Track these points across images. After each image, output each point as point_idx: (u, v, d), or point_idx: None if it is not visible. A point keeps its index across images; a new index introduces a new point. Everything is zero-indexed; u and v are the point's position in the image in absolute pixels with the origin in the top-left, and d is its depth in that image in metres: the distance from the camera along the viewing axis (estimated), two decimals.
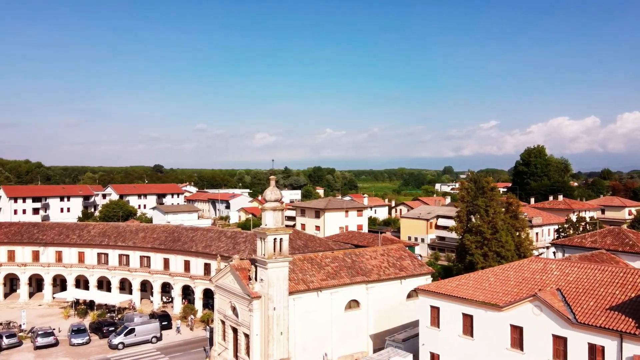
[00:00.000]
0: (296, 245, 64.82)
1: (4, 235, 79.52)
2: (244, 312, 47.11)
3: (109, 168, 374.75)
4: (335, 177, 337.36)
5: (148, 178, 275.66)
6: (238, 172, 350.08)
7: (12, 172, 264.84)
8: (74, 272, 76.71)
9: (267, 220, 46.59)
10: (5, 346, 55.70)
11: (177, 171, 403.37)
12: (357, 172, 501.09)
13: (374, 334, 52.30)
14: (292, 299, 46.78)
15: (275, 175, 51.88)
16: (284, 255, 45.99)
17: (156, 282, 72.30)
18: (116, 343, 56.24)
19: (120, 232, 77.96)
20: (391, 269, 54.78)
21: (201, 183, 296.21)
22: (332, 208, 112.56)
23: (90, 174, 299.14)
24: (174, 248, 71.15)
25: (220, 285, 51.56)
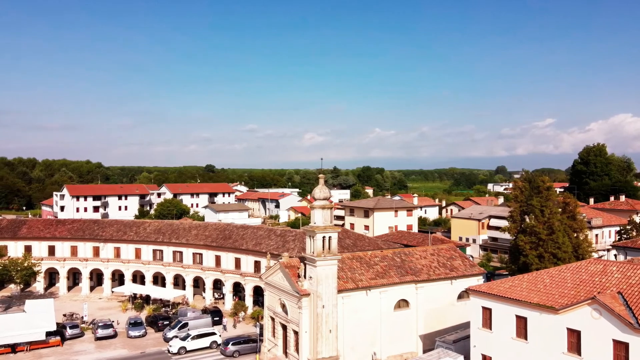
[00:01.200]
0: (345, 244, 64.84)
1: (67, 231, 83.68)
2: (293, 309, 47.59)
3: (163, 168, 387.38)
4: (384, 176, 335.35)
5: (200, 178, 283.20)
6: (287, 172, 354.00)
7: (75, 172, 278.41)
8: (131, 267, 79.73)
9: (316, 219, 46.85)
10: (69, 336, 58.73)
11: (228, 171, 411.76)
12: (407, 171, 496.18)
13: (423, 335, 51.64)
14: (341, 297, 46.85)
15: (324, 174, 52.01)
16: (332, 253, 46.13)
17: (208, 279, 74.11)
18: (170, 336, 57.97)
19: (174, 230, 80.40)
20: (441, 269, 53.92)
21: (251, 182, 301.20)
22: (382, 208, 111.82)
23: (146, 174, 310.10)
24: (225, 246, 72.73)
25: (269, 282, 52.30)
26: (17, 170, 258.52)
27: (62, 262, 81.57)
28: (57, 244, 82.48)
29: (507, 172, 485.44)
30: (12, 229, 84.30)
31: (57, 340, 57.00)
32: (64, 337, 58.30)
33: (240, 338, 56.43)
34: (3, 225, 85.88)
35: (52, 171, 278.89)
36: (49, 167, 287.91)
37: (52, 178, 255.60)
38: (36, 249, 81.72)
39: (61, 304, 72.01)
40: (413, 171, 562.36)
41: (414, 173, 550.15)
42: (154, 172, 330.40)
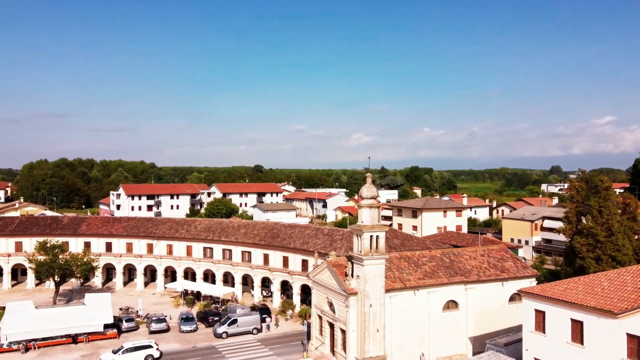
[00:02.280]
0: (393, 244, 64.39)
1: (123, 229, 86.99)
2: (341, 307, 47.68)
3: (213, 168, 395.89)
4: (433, 177, 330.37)
5: (249, 177, 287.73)
6: (335, 172, 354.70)
7: (130, 172, 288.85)
8: (182, 264, 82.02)
9: (364, 218, 46.78)
10: (124, 329, 61.10)
11: (276, 171, 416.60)
12: (456, 172, 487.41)
13: (473, 337, 50.61)
14: (389, 296, 46.59)
15: (372, 174, 51.84)
16: (380, 252, 45.93)
17: (256, 277, 75.26)
18: (220, 332, 59.39)
19: (224, 228, 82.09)
20: (492, 270, 52.68)
21: (299, 182, 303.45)
22: (430, 208, 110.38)
23: (197, 174, 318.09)
24: (273, 244, 73.65)
25: (317, 280, 52.60)
26: (77, 171, 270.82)
27: (119, 258, 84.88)
28: (113, 240, 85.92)
29: (562, 172, 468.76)
30: (73, 226, 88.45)
31: (114, 332, 59.44)
32: (120, 330, 60.71)
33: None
34: (65, 222, 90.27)
35: (109, 171, 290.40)
36: (106, 168, 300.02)
37: (109, 178, 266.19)
38: (95, 245, 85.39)
39: (117, 298, 74.84)
40: (462, 171, 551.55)
41: (463, 173, 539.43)
42: (204, 172, 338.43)
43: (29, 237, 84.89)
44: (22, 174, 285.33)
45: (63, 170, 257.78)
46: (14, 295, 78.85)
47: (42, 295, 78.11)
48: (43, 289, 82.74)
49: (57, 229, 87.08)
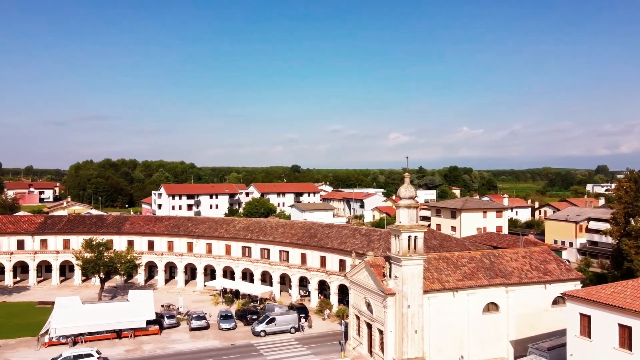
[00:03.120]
0: (431, 244, 63.64)
1: (164, 227, 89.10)
2: (378, 308, 47.47)
3: (251, 168, 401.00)
4: (472, 176, 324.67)
5: (286, 177, 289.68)
6: (372, 172, 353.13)
7: (171, 172, 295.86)
8: (221, 263, 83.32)
9: (402, 218, 46.43)
10: (166, 325, 62.61)
11: (313, 171, 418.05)
12: (496, 171, 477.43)
13: (514, 340, 49.47)
14: (427, 297, 46.09)
15: (410, 173, 51.38)
16: (418, 253, 45.49)
17: (294, 276, 75.73)
18: (259, 330, 60.06)
19: (262, 228, 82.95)
20: (534, 272, 51.36)
21: (336, 182, 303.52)
22: (469, 208, 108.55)
23: (235, 174, 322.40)
24: (310, 244, 73.94)
25: (354, 280, 52.52)
26: (120, 171, 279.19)
27: (160, 256, 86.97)
28: (155, 239, 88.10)
29: (609, 172, 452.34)
30: (117, 224, 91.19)
31: (156, 328, 60.96)
32: (162, 326, 62.20)
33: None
34: (109, 221, 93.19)
35: (150, 171, 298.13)
36: (148, 168, 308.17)
37: (150, 178, 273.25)
38: (137, 243, 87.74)
39: (159, 295, 76.67)
40: (503, 171, 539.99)
41: (504, 173, 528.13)
42: (242, 173, 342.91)
43: (76, 235, 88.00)
44: (69, 174, 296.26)
45: (107, 170, 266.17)
46: (62, 290, 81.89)
47: (88, 291, 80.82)
48: (89, 285, 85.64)
49: (102, 227, 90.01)
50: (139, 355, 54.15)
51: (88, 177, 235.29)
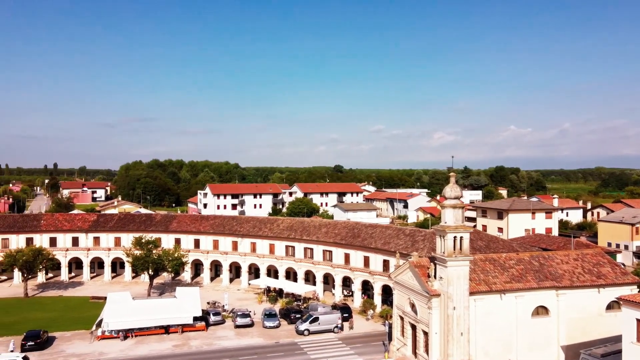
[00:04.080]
0: (477, 245, 62.33)
1: (210, 226, 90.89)
2: (423, 309, 46.87)
3: (294, 168, 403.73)
4: (520, 177, 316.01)
5: (329, 177, 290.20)
6: (416, 172, 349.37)
7: (216, 172, 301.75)
8: (265, 262, 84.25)
9: (447, 218, 45.71)
10: (212, 322, 63.85)
11: (355, 171, 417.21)
12: (545, 171, 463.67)
13: (565, 346, 47.80)
14: (473, 299, 45.16)
15: (455, 173, 50.52)
16: (464, 253, 44.65)
17: (337, 276, 75.72)
18: (302, 329, 60.38)
19: (305, 227, 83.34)
20: (586, 275, 49.47)
21: (379, 183, 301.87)
22: (517, 209, 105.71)
23: (279, 174, 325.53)
24: (354, 244, 73.76)
25: (398, 281, 52.04)
26: (167, 171, 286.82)
27: (206, 254, 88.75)
28: (201, 237, 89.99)
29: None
30: (165, 223, 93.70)
31: (202, 325, 62.25)
32: (208, 323, 63.45)
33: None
34: (157, 219, 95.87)
35: (196, 171, 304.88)
36: (194, 168, 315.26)
37: (196, 178, 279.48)
38: (184, 241, 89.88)
39: (205, 292, 78.24)
40: (552, 171, 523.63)
41: (553, 173, 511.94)
42: (285, 172, 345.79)
43: (126, 232, 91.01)
44: (119, 175, 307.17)
45: (155, 170, 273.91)
46: (113, 286, 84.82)
47: (137, 287, 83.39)
48: (139, 282, 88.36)
49: (150, 225, 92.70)
50: (186, 350, 55.44)
51: (137, 177, 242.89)
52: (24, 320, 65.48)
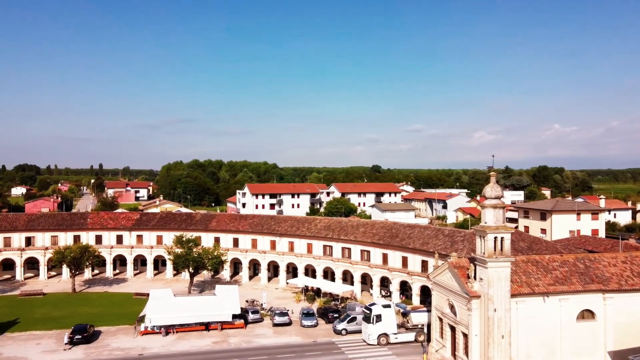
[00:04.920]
0: (519, 247, 60.87)
1: (248, 225, 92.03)
2: (462, 310, 46.12)
3: (331, 168, 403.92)
4: (564, 176, 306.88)
5: (367, 177, 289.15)
6: (455, 172, 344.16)
7: (254, 172, 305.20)
8: (303, 261, 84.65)
9: (487, 218, 44.84)
10: (250, 320, 64.59)
11: (394, 171, 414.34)
12: (591, 171, 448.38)
13: (613, 351, 46.09)
14: (515, 301, 44.14)
15: (495, 173, 49.55)
16: (505, 255, 43.69)
17: (375, 276, 75.37)
18: (340, 329, 60.35)
19: (343, 227, 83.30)
20: (636, 278, 47.55)
21: (417, 183, 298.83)
22: (561, 210, 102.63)
23: (316, 174, 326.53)
24: (392, 244, 73.26)
25: (437, 282, 51.38)
26: (207, 171, 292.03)
27: (245, 253, 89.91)
28: (240, 236, 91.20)
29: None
30: (204, 222, 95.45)
31: (241, 323, 63.11)
32: (247, 321, 64.21)
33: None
34: (197, 218, 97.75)
35: (235, 171, 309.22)
36: (233, 168, 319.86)
37: (235, 178, 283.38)
38: (223, 240, 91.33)
39: (243, 290, 79.21)
40: (599, 171, 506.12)
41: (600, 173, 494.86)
42: (323, 172, 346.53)
43: (168, 231, 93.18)
44: (161, 175, 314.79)
45: (195, 170, 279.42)
46: (155, 283, 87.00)
47: (178, 284, 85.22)
48: (179, 279, 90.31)
49: (191, 224, 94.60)
50: (225, 347, 56.30)
51: (178, 177, 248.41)
52: (72, 314, 68.01)
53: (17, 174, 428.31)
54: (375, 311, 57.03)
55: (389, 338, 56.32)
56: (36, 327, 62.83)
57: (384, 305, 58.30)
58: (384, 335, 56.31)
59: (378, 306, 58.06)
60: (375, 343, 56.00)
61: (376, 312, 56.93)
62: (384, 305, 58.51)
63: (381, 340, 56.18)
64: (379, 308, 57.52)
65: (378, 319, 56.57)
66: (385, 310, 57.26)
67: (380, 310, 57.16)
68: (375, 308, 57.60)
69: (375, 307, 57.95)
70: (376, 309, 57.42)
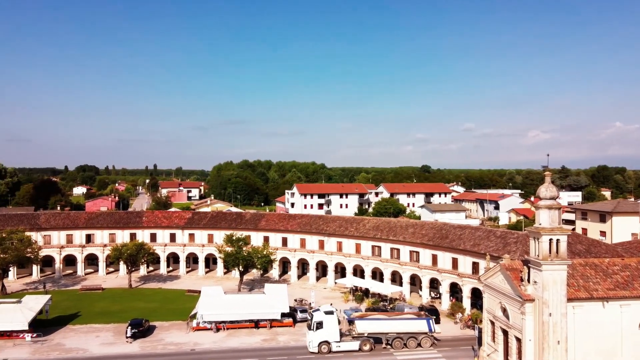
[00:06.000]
0: (576, 249, 58.49)
1: (297, 225, 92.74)
2: (515, 314, 44.79)
3: (380, 169, 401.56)
4: (625, 177, 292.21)
5: (416, 178, 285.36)
6: (508, 172, 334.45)
7: (302, 172, 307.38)
8: (352, 261, 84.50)
9: (542, 219, 43.38)
10: (299, 319, 65.01)
11: (444, 171, 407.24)
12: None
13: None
14: (571, 306, 42.46)
15: (551, 172, 47.85)
16: (561, 257, 42.10)
17: (424, 277, 74.32)
18: None
19: (392, 227, 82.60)
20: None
21: (468, 183, 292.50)
22: (623, 211, 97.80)
23: (365, 174, 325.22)
24: (441, 245, 72.06)
25: (489, 284, 50.12)
26: (256, 171, 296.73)
27: (293, 252, 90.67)
28: (289, 236, 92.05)
29: None
30: (254, 221, 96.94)
31: (289, 321, 63.70)
32: (295, 320, 64.72)
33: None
34: (247, 218, 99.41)
35: (284, 172, 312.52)
36: (282, 168, 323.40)
37: (284, 178, 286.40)
38: (272, 239, 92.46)
39: (292, 290, 79.78)
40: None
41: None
42: (371, 173, 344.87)
43: (218, 230, 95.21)
44: (212, 175, 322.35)
45: (245, 171, 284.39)
46: (206, 281, 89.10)
47: (229, 282, 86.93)
48: (230, 277, 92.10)
49: (241, 223, 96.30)
50: (274, 345, 56.99)
51: (228, 177, 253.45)
52: (128, 309, 70.67)
53: (78, 175, 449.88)
54: (317, 318, 54.79)
55: (330, 346, 53.94)
56: (96, 320, 65.76)
57: (327, 312, 55.92)
58: (326, 343, 53.89)
59: (320, 312, 55.86)
60: (316, 351, 53.74)
61: (317, 318, 54.68)
62: (326, 311, 56.13)
63: (322, 348, 53.74)
64: (321, 314, 55.23)
65: (319, 326, 54.16)
66: (327, 317, 54.86)
67: (322, 316, 54.89)
68: (317, 314, 55.45)
69: (317, 313, 55.81)
70: (318, 315, 55.18)
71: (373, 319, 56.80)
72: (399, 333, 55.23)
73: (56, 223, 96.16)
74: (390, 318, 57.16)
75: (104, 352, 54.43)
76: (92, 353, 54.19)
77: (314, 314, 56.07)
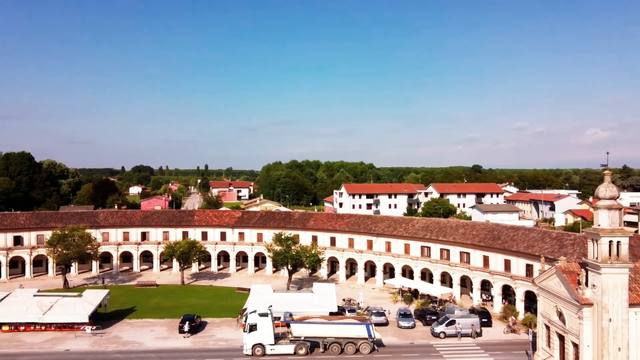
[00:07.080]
0: (638, 252, 55.69)
1: (345, 225, 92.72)
2: (572, 319, 43.10)
3: (429, 168, 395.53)
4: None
5: (467, 178, 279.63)
6: (564, 172, 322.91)
7: (350, 172, 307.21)
8: (400, 261, 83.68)
9: (601, 220, 41.58)
10: None
11: (495, 171, 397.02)
12: None
13: None
14: (634, 312, 40.48)
15: (611, 172, 45.83)
16: (622, 260, 40.22)
17: (475, 279, 72.68)
18: (438, 332, 58.90)
19: (442, 228, 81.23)
20: None
21: (522, 183, 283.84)
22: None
23: (414, 174, 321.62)
24: (493, 246, 70.28)
25: (543, 287, 48.46)
26: (305, 171, 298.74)
27: (341, 252, 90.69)
28: (337, 235, 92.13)
29: None
30: (302, 221, 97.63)
31: None
32: None
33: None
34: (295, 217, 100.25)
35: (332, 172, 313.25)
36: (330, 168, 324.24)
37: (332, 178, 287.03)
38: (321, 239, 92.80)
39: (340, 289, 79.77)
40: None
41: None
42: (421, 173, 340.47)
43: (268, 229, 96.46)
44: (261, 175, 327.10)
45: (294, 171, 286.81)
46: (256, 279, 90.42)
47: (277, 281, 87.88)
48: (278, 276, 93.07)
49: (289, 223, 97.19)
50: None
51: (277, 177, 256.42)
52: (181, 305, 72.76)
53: (134, 175, 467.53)
54: (251, 320, 53.64)
55: (264, 349, 52.76)
56: (150, 315, 68.05)
57: (261, 314, 54.37)
58: (260, 345, 52.72)
59: (254, 315, 54.41)
60: (250, 354, 52.64)
61: (251, 321, 53.53)
62: (260, 313, 54.54)
63: (256, 351, 52.56)
64: (255, 317, 53.87)
65: (253, 328, 53.07)
66: (261, 319, 53.55)
67: (255, 319, 53.55)
68: (251, 317, 54.15)
69: (252, 315, 54.48)
70: (252, 317, 53.94)
71: (309, 323, 55.69)
72: (337, 338, 53.91)
73: (114, 221, 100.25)
74: (327, 322, 55.97)
75: (158, 345, 56.26)
76: (147, 346, 56.12)
77: (248, 315, 55.04)
